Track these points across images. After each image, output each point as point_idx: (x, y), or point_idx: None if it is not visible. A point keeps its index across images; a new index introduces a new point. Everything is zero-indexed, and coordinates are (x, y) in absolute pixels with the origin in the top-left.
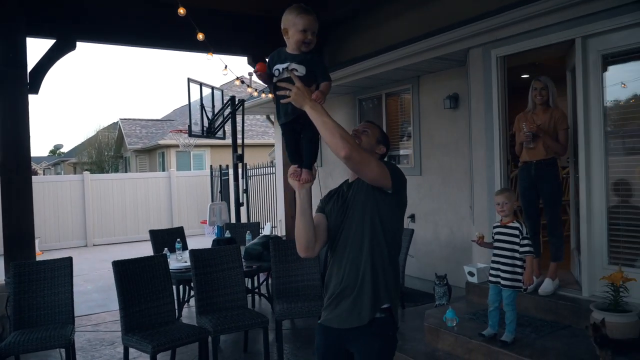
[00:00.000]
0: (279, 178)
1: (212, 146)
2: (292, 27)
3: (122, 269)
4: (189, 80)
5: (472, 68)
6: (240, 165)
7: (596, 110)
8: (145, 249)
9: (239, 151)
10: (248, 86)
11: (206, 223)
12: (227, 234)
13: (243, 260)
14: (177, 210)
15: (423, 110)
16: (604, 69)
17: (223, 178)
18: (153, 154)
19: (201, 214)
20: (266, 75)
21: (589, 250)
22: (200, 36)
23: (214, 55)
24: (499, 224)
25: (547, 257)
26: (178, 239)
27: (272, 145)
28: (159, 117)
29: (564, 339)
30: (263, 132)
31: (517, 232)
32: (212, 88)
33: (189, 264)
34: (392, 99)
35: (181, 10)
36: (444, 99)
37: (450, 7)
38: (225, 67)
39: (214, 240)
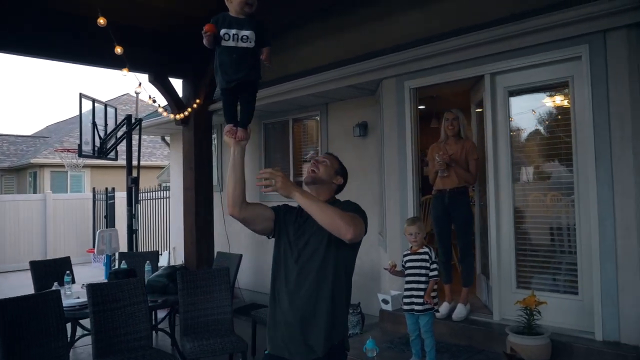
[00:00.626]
0: (176, 203)
1: (92, 167)
2: None
3: (6, 309)
4: (81, 95)
5: (385, 97)
6: (134, 188)
7: (503, 141)
8: (13, 281)
9: (134, 173)
10: (154, 101)
11: (93, 252)
12: (124, 265)
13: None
14: (52, 236)
15: (331, 137)
16: (509, 103)
17: (109, 202)
18: (23, 174)
19: (81, 241)
20: (213, 36)
21: (499, 275)
22: (119, 50)
23: (128, 71)
24: (409, 252)
25: (457, 282)
26: (67, 272)
27: (161, 168)
28: (29, 133)
29: None
30: (150, 153)
31: (426, 257)
32: (105, 105)
33: (82, 299)
34: (299, 124)
35: (101, 21)
36: (354, 126)
37: (364, 37)
38: (140, 84)
39: (110, 273)
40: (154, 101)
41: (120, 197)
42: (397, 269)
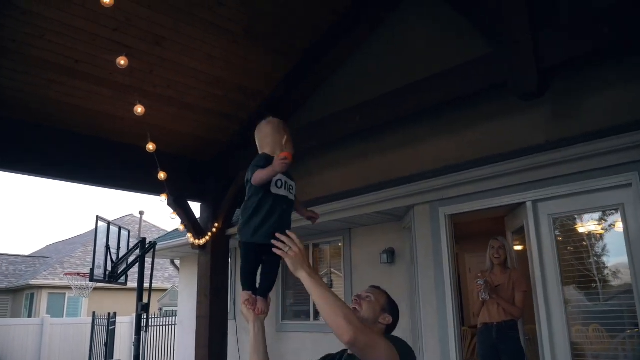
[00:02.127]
0: (185, 330)
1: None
2: (289, 137)
3: None
4: (98, 218)
5: (418, 224)
6: (144, 316)
7: (552, 269)
8: None
9: (145, 299)
10: (184, 226)
11: None
12: None
13: None
14: None
15: (355, 263)
16: (555, 231)
17: (110, 327)
18: (19, 295)
19: None
20: (276, 173)
21: None
22: (162, 175)
23: (167, 197)
24: None
25: None
26: None
27: (162, 291)
28: (28, 253)
29: None
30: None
31: None
32: (120, 227)
33: None
34: (320, 249)
35: (150, 146)
36: (381, 253)
37: (391, 163)
38: (174, 212)
39: None
40: (182, 223)
41: (121, 322)
42: None
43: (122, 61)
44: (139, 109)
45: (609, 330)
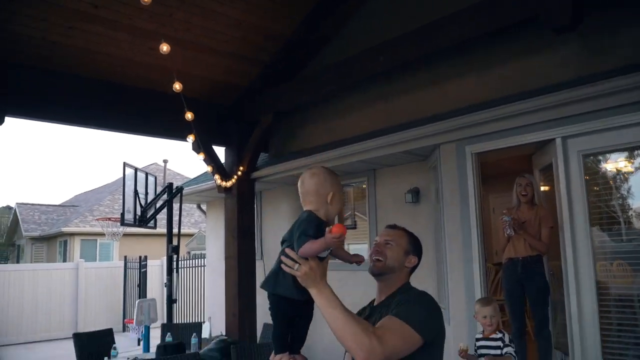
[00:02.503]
0: (213, 272)
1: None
2: (339, 195)
3: None
4: (125, 164)
5: (444, 163)
6: (174, 257)
7: (580, 207)
8: (45, 352)
9: (174, 242)
10: (211, 166)
11: (132, 322)
12: (169, 338)
13: None
14: (83, 305)
15: (380, 204)
16: (584, 167)
17: (142, 270)
18: (53, 242)
19: (111, 310)
20: (339, 245)
21: (582, 350)
22: (189, 115)
23: (194, 138)
24: (481, 335)
25: (533, 358)
26: (114, 345)
27: (189, 235)
28: (58, 202)
29: None
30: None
31: (499, 343)
32: (146, 174)
33: None
34: (344, 191)
35: (177, 86)
36: (405, 193)
37: (415, 103)
38: (201, 151)
39: (158, 347)
40: (212, 168)
41: (152, 266)
42: (469, 352)
43: (164, 47)
44: (164, 47)
45: (633, 265)
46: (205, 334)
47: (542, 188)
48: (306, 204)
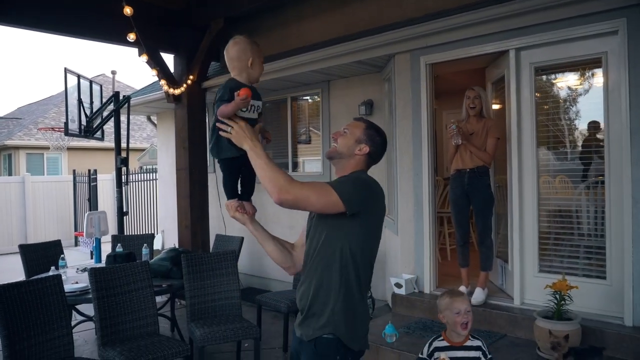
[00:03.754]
0: (165, 185)
1: (69, 149)
2: (258, 59)
3: (5, 295)
4: (66, 70)
5: (398, 74)
6: (124, 170)
7: (528, 120)
8: None
9: (123, 154)
10: (156, 70)
11: (82, 235)
12: (120, 248)
13: None
14: (32, 220)
15: (334, 115)
16: (535, 80)
17: (92, 184)
18: None
19: (62, 224)
20: (245, 106)
21: (521, 258)
22: (128, 10)
23: (135, 37)
24: (445, 343)
25: (474, 266)
26: (62, 255)
27: (141, 150)
28: (0, 115)
29: (506, 349)
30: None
31: (478, 355)
32: (91, 82)
33: (82, 284)
34: (299, 103)
35: (127, 10)
36: (359, 105)
37: (371, 11)
38: (145, 53)
39: (108, 256)
40: (158, 72)
41: (103, 180)
42: None
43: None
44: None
45: (573, 179)
46: (157, 246)
47: (494, 105)
48: (231, 70)
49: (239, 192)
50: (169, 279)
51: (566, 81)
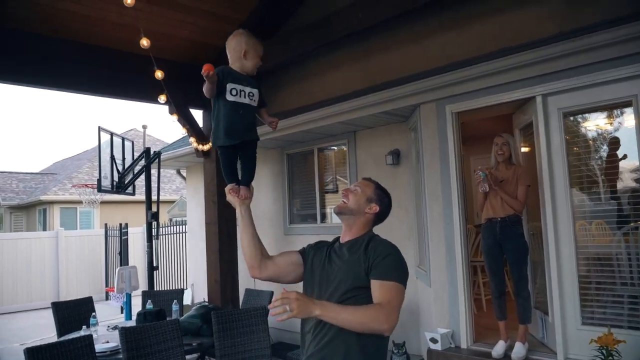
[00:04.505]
0: (194, 238)
1: (101, 203)
2: (253, 51)
3: (38, 357)
4: (100, 128)
5: (424, 123)
6: (154, 224)
7: (560, 166)
8: (26, 321)
9: (154, 208)
10: (185, 128)
11: (113, 290)
12: (150, 305)
13: None
14: (65, 275)
15: (360, 166)
16: (565, 125)
17: (123, 237)
18: (32, 211)
19: (93, 278)
20: (214, 80)
21: (561, 310)
22: (159, 74)
23: (166, 98)
24: None
25: (512, 318)
26: (93, 313)
27: (170, 202)
28: (36, 170)
29: None
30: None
31: None
32: (123, 139)
33: (112, 344)
34: (325, 153)
35: (144, 42)
36: (386, 154)
37: (395, 62)
38: (175, 112)
39: (138, 314)
40: (185, 127)
41: (134, 233)
42: None
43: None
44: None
45: (611, 225)
46: (187, 300)
47: (523, 149)
48: (229, 59)
49: (239, 178)
50: (199, 336)
51: (596, 123)
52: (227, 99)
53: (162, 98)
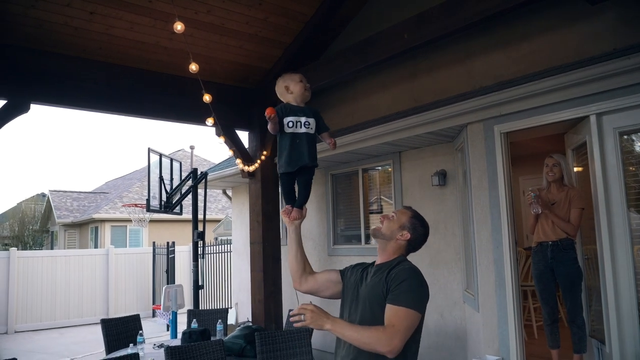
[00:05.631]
0: (238, 257)
1: (150, 221)
2: (291, 82)
3: None
4: (149, 150)
5: (471, 144)
6: (200, 243)
7: (616, 188)
8: (77, 336)
9: (200, 227)
10: (233, 151)
11: (159, 308)
12: (195, 324)
13: None
14: (114, 291)
15: (406, 187)
16: (620, 146)
17: (170, 256)
18: (84, 229)
19: (141, 295)
20: (275, 120)
21: (620, 339)
22: (207, 97)
23: (213, 122)
24: None
25: (565, 347)
26: (140, 331)
27: (216, 221)
28: (89, 190)
29: None
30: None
31: None
32: (171, 159)
33: None
34: (369, 174)
35: (193, 67)
36: (432, 175)
37: (440, 82)
38: (222, 134)
39: (184, 333)
40: (234, 152)
41: (180, 252)
42: None
43: (178, 26)
44: (179, 26)
45: None
46: (231, 320)
47: (576, 169)
48: (284, 100)
49: (296, 199)
50: (242, 357)
51: None
52: (285, 132)
53: (210, 121)
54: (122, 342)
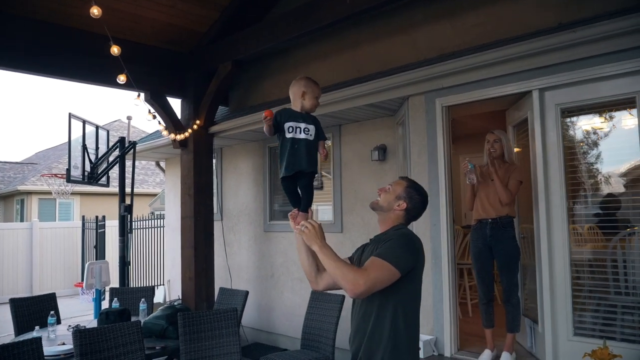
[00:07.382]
0: (172, 233)
1: (82, 194)
2: (311, 93)
3: None
4: (71, 116)
5: (412, 117)
6: (127, 217)
7: (555, 165)
8: None
9: (128, 201)
10: (154, 117)
11: (82, 286)
12: (116, 304)
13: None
14: (38, 267)
15: (345, 162)
16: (561, 123)
17: (99, 231)
18: (10, 201)
19: (69, 272)
20: (272, 124)
21: (552, 319)
22: (115, 50)
23: (125, 78)
24: None
25: (499, 326)
26: (51, 312)
27: (153, 195)
28: (18, 160)
29: None
30: (142, 180)
31: None
32: (97, 127)
33: (68, 346)
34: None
35: (95, 11)
36: (372, 150)
37: (383, 53)
38: (139, 95)
39: (100, 314)
40: (154, 117)
41: (111, 226)
42: None
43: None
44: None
45: (604, 230)
46: (159, 298)
47: (515, 149)
48: (292, 100)
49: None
50: (164, 339)
51: (596, 122)
52: (285, 136)
53: (122, 78)
54: (36, 324)
